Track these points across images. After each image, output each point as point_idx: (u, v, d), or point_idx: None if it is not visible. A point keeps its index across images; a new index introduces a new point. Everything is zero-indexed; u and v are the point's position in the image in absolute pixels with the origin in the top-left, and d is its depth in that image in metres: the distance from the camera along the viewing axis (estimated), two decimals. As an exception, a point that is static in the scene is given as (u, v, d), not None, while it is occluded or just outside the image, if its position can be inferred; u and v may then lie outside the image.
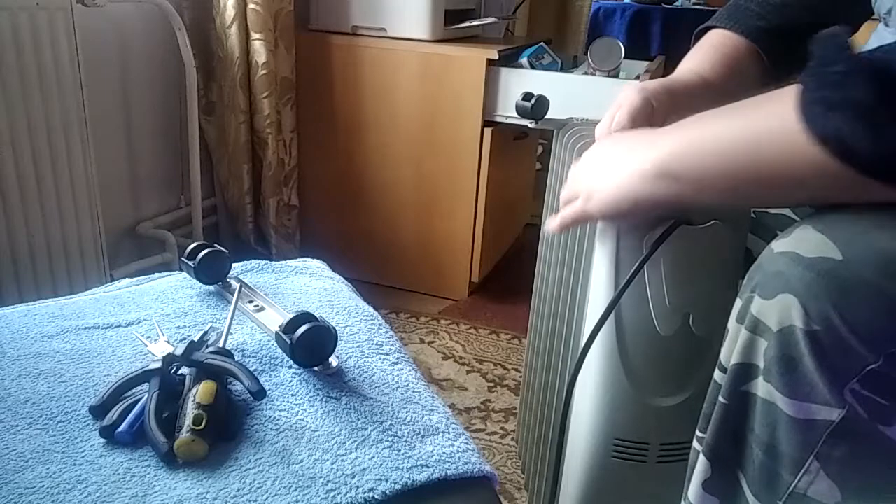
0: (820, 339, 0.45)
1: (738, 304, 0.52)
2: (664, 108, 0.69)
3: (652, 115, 0.69)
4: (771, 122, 0.48)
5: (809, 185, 0.48)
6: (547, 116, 1.11)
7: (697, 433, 0.57)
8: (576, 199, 0.68)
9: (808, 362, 0.45)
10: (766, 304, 0.48)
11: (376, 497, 0.58)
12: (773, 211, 0.76)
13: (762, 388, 0.49)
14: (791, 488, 0.49)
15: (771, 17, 0.76)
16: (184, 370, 0.67)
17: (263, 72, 1.76)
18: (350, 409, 0.68)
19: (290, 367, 0.74)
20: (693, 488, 0.57)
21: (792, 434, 0.48)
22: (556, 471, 0.78)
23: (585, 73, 1.78)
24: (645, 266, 0.68)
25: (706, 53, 0.77)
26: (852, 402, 0.45)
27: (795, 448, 0.48)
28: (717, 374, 0.55)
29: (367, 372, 0.74)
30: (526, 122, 1.14)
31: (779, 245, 0.49)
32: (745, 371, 0.51)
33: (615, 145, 0.65)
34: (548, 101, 1.10)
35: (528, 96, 1.08)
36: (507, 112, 1.79)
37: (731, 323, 0.53)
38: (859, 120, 0.42)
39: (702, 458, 0.56)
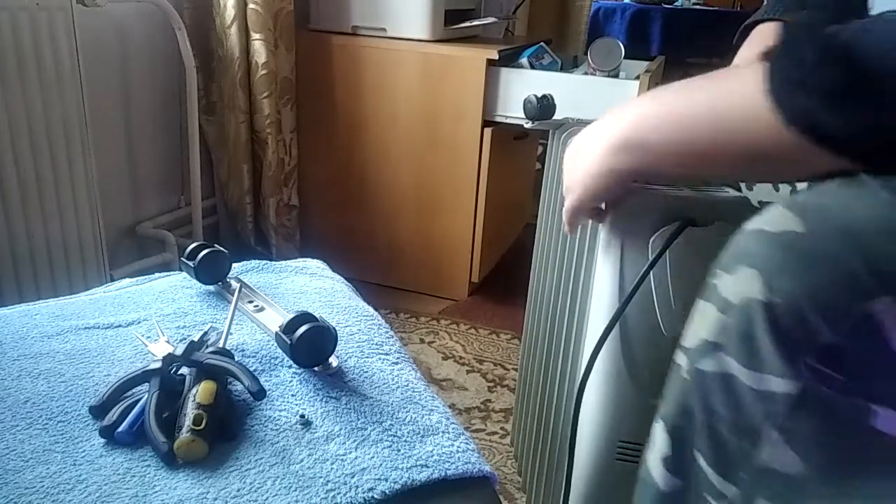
0: (777, 311, 0.45)
1: (707, 283, 0.53)
2: None
3: None
4: (735, 99, 0.49)
5: (772, 160, 0.49)
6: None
7: (660, 409, 0.58)
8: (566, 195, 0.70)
9: (765, 335, 0.46)
10: (730, 279, 0.49)
11: (376, 497, 0.58)
12: None
13: (724, 364, 0.50)
14: (755, 462, 0.50)
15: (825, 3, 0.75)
16: (184, 370, 0.67)
17: (263, 72, 1.77)
18: (350, 409, 0.68)
19: (290, 367, 0.74)
20: (654, 465, 0.58)
21: (754, 406, 0.49)
22: (567, 476, 0.78)
23: (585, 73, 1.78)
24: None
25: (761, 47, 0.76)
26: (809, 377, 0.45)
27: (757, 420, 0.48)
28: (678, 357, 0.55)
29: (367, 372, 0.74)
30: (522, 121, 1.14)
31: (749, 224, 0.50)
32: (709, 348, 0.51)
33: (589, 130, 0.65)
34: (555, 103, 1.10)
35: (541, 97, 1.08)
36: (507, 112, 1.79)
37: (698, 302, 0.53)
38: (831, 106, 0.44)
39: (662, 433, 0.56)
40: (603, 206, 0.71)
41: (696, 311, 0.54)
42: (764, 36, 0.77)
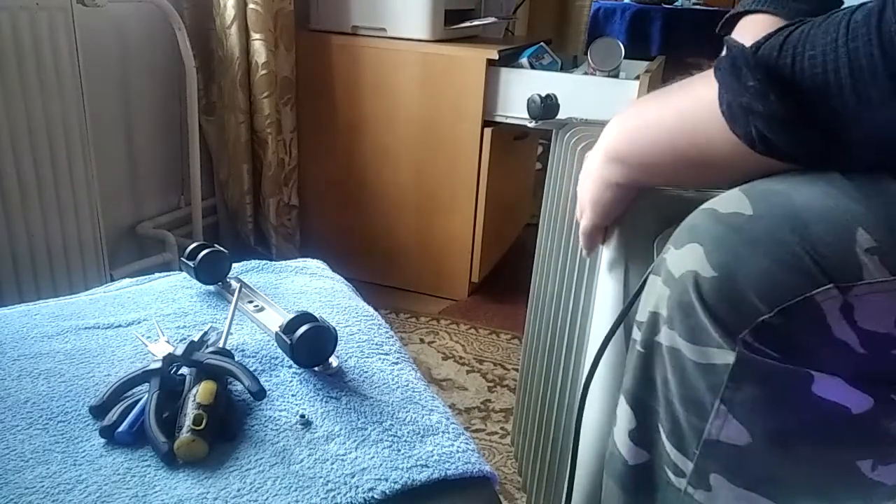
0: (712, 285, 0.46)
1: (657, 258, 0.54)
2: None
3: None
4: (698, 114, 0.52)
5: (738, 169, 0.51)
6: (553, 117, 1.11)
7: (622, 384, 0.58)
8: (580, 216, 0.72)
9: (700, 307, 0.47)
10: (675, 254, 0.50)
11: (376, 497, 0.58)
12: None
13: (668, 336, 0.51)
14: (704, 435, 0.50)
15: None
16: (184, 370, 0.67)
17: (263, 72, 1.77)
18: (350, 409, 0.68)
19: (290, 367, 0.74)
20: (620, 438, 0.58)
21: (698, 379, 0.49)
22: (570, 476, 0.77)
23: (585, 73, 1.78)
24: None
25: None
26: (744, 351, 0.46)
27: (703, 393, 0.49)
28: (633, 332, 0.56)
29: (367, 372, 0.74)
30: (525, 121, 1.14)
31: (705, 204, 0.51)
32: (656, 320, 0.52)
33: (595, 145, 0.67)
34: (558, 103, 1.10)
35: (545, 97, 1.07)
36: (507, 112, 1.79)
37: (649, 277, 0.54)
38: (779, 127, 0.46)
39: (624, 407, 0.57)
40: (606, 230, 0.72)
41: (647, 285, 0.55)
42: (751, 28, 0.77)
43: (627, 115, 0.61)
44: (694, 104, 0.52)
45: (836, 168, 0.46)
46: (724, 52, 0.49)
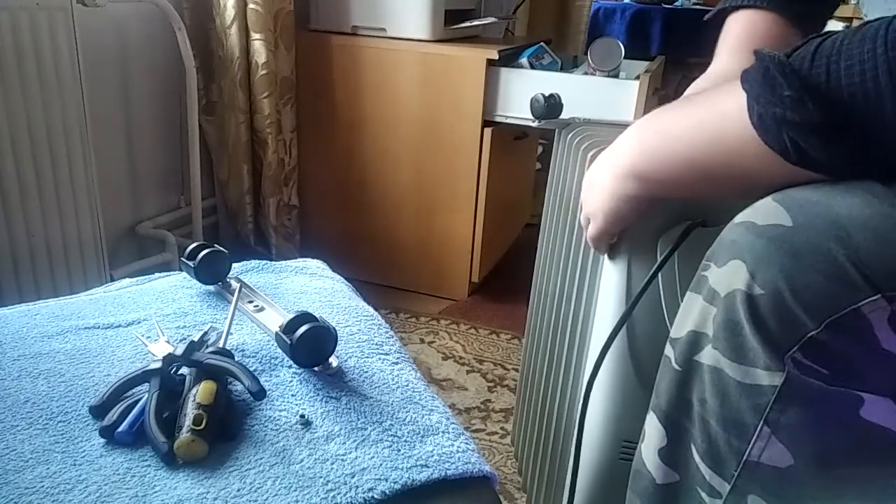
0: (761, 303, 0.45)
1: (696, 275, 0.53)
2: None
3: None
4: (724, 126, 0.51)
5: (767, 181, 0.50)
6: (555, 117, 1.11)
7: (652, 401, 0.57)
8: (587, 222, 0.72)
9: (749, 326, 0.46)
10: (718, 272, 0.49)
11: (376, 497, 0.58)
12: None
13: (711, 356, 0.50)
14: (745, 456, 0.49)
15: None
16: (184, 370, 0.67)
17: (263, 72, 1.77)
18: (350, 409, 0.68)
19: (290, 367, 0.74)
20: (649, 456, 0.57)
21: (741, 400, 0.48)
22: (573, 476, 0.77)
23: (585, 73, 1.78)
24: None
25: (743, 47, 0.75)
26: (793, 370, 0.45)
27: (745, 414, 0.48)
28: (666, 349, 0.55)
29: (367, 372, 0.74)
30: (525, 121, 1.13)
31: (738, 216, 0.50)
32: (697, 339, 0.51)
33: (602, 157, 0.67)
34: (562, 102, 1.09)
35: (549, 96, 1.07)
36: (507, 112, 1.79)
37: (687, 294, 0.53)
38: (815, 138, 0.45)
39: (655, 424, 0.56)
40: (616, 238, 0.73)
41: (685, 302, 0.54)
42: (742, 23, 0.77)
43: (644, 130, 0.61)
44: (718, 117, 0.51)
45: (870, 177, 0.45)
46: (752, 63, 0.48)
